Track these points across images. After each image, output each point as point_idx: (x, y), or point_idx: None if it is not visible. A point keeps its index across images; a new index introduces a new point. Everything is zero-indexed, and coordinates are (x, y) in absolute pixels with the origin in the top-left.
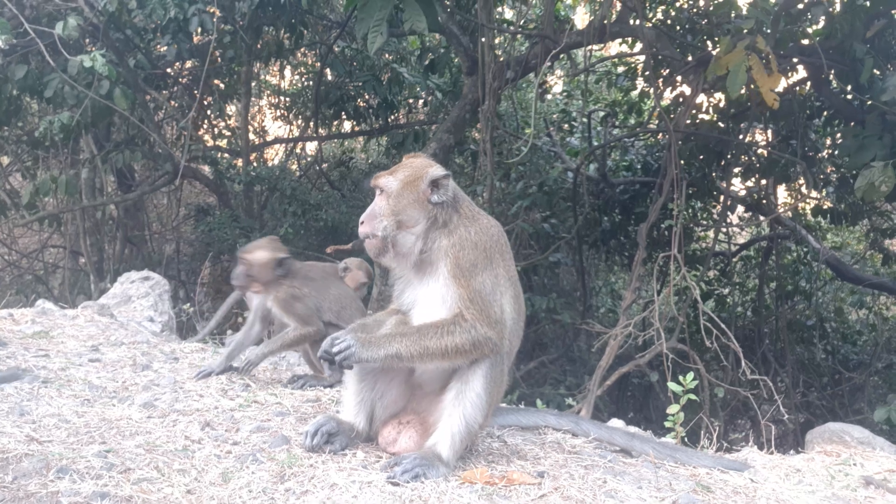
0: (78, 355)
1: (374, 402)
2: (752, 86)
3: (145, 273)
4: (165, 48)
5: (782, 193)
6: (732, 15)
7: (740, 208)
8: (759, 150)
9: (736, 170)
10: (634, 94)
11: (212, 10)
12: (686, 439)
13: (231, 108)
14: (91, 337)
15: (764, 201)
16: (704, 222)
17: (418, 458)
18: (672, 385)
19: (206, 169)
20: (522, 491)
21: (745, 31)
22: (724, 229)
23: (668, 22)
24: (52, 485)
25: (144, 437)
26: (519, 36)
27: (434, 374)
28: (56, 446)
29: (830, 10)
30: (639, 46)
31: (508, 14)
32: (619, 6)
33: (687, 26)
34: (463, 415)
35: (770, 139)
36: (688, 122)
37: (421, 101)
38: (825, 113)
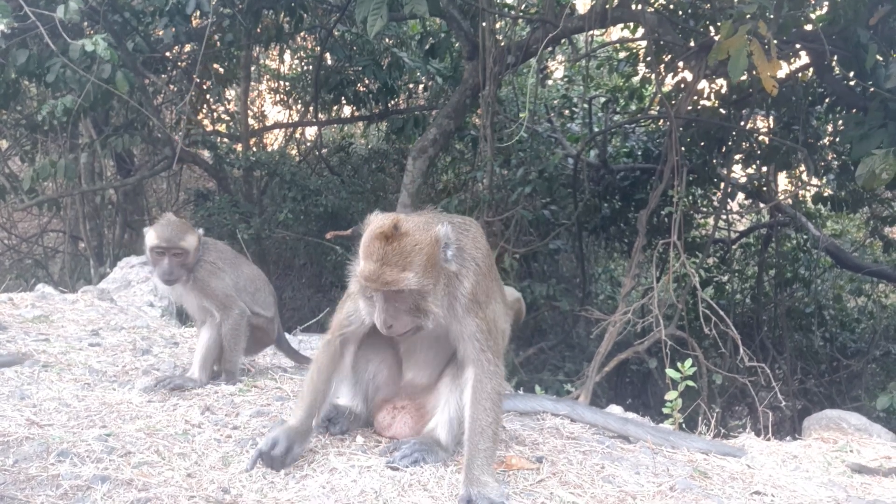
0: (78, 339)
1: (368, 384)
2: (754, 72)
3: (145, 258)
4: (163, 31)
5: (783, 181)
6: (735, 0)
7: (740, 195)
8: (761, 137)
9: (737, 157)
10: (636, 79)
11: None
12: (684, 425)
13: (230, 93)
14: (91, 321)
15: (764, 188)
16: (704, 209)
17: (417, 442)
18: (670, 372)
19: (206, 154)
20: (521, 476)
21: (748, 15)
22: (724, 216)
23: (671, 6)
24: (53, 468)
25: (145, 421)
26: (520, 20)
27: (423, 368)
28: (57, 430)
29: None
30: (640, 31)
31: None
32: None
33: (689, 11)
34: (460, 399)
35: (771, 126)
36: (689, 108)
37: (421, 86)
38: (827, 100)
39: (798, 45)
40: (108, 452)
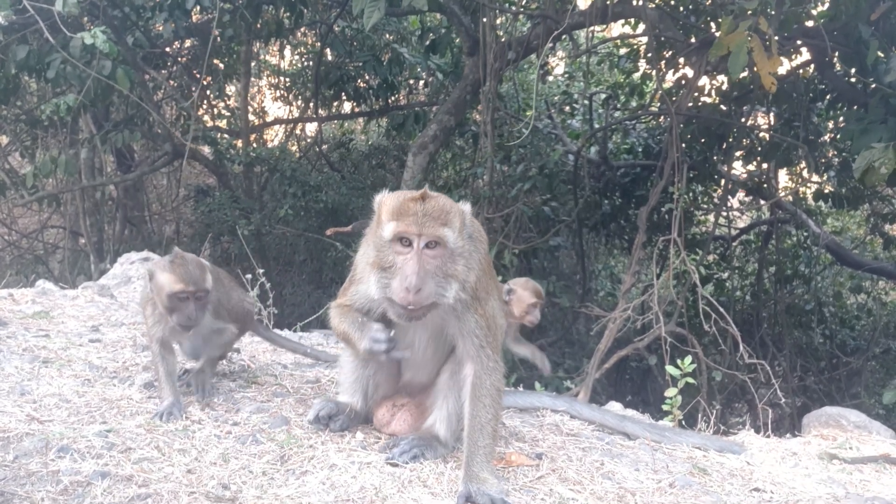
0: (78, 335)
1: (368, 381)
2: (754, 68)
3: (145, 254)
4: (163, 27)
5: (783, 177)
6: None
7: (741, 192)
8: (761, 134)
9: (737, 153)
10: (636, 76)
11: None
12: (683, 422)
13: (230, 89)
14: (91, 317)
15: (765, 185)
16: (705, 206)
17: (416, 438)
18: (670, 368)
19: (206, 149)
20: (520, 472)
21: (749, 11)
22: (724, 213)
23: (672, 2)
24: (53, 464)
25: (145, 416)
26: (521, 16)
27: (422, 366)
28: (57, 426)
29: None
30: (641, 27)
31: None
32: None
33: (690, 7)
34: (458, 396)
35: (772, 122)
36: (690, 104)
37: (421, 82)
38: (828, 96)
39: (799, 42)
40: (108, 448)
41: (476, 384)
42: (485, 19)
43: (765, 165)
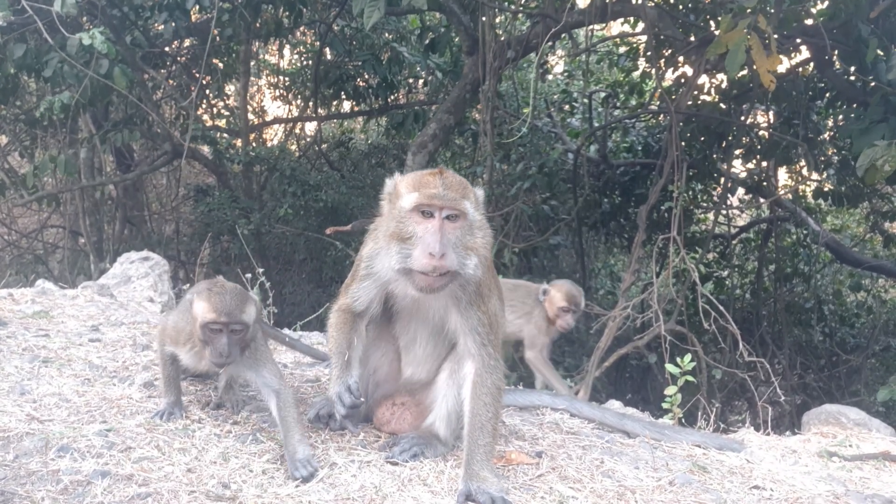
0: (78, 335)
1: (368, 380)
2: (754, 66)
3: (145, 253)
4: (162, 26)
5: (783, 176)
6: None
7: (741, 190)
8: (761, 132)
9: (737, 152)
10: (636, 74)
11: None
12: (683, 420)
13: (230, 88)
14: (91, 317)
15: (764, 183)
16: (704, 204)
17: (416, 437)
18: (670, 367)
19: (206, 149)
20: (520, 470)
21: (748, 10)
22: (724, 211)
23: (671, 1)
24: (53, 463)
25: (145, 416)
26: (520, 15)
27: (422, 363)
28: (57, 425)
29: None
30: (641, 26)
31: None
32: None
33: (690, 5)
34: (458, 394)
35: (772, 121)
36: (689, 103)
37: (421, 81)
38: (828, 94)
39: (799, 40)
40: (108, 447)
41: (477, 382)
42: (484, 18)
43: (764, 164)
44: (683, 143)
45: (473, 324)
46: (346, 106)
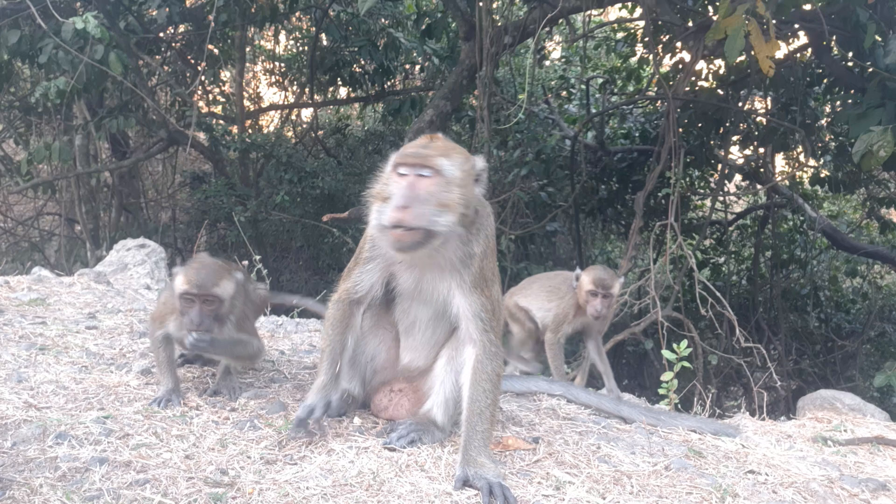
0: (75, 322)
1: (366, 366)
2: (752, 52)
3: (141, 241)
4: (156, 12)
5: (780, 162)
6: None
7: (738, 177)
8: (759, 118)
9: (734, 138)
10: (633, 60)
11: None
12: (679, 406)
13: (225, 74)
14: (88, 304)
15: (762, 170)
16: (702, 191)
17: (414, 423)
18: (666, 353)
19: (202, 136)
20: (517, 456)
21: None
22: (721, 198)
23: None
24: (51, 450)
25: (142, 403)
26: (517, 0)
27: (421, 350)
28: (54, 412)
29: None
30: (638, 11)
31: None
32: None
33: None
34: (456, 380)
35: (769, 107)
36: (687, 89)
37: (418, 67)
38: (825, 80)
39: (797, 26)
40: (105, 434)
41: (477, 368)
42: (481, 3)
43: (762, 150)
44: (681, 130)
45: (476, 309)
46: (343, 92)
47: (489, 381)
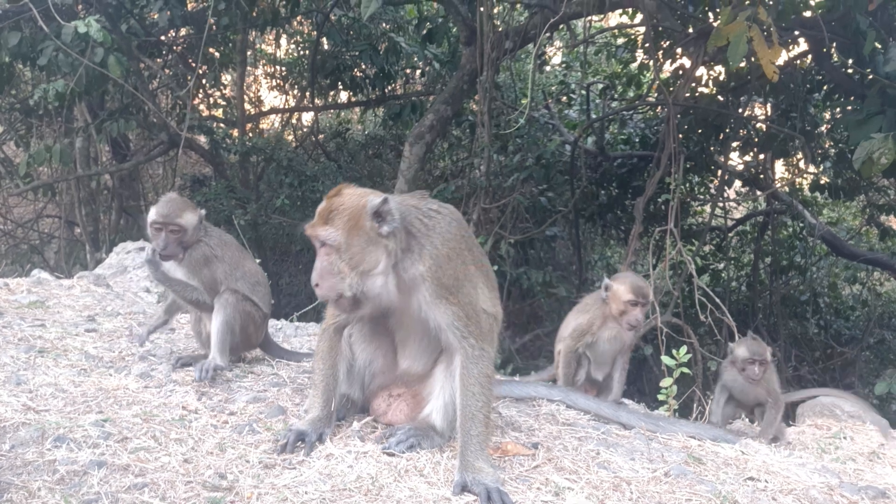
0: (74, 325)
1: (365, 371)
2: (753, 59)
3: (141, 243)
4: (158, 15)
5: (780, 168)
6: None
7: (738, 183)
8: (758, 125)
9: (734, 144)
10: (634, 66)
11: None
12: (678, 412)
13: (226, 78)
14: (87, 307)
15: (761, 176)
16: (701, 197)
17: (413, 428)
18: (665, 359)
19: (202, 139)
20: (517, 462)
21: (747, 1)
22: (720, 204)
23: None
24: (50, 453)
25: (141, 406)
26: (518, 5)
27: (418, 356)
28: (53, 415)
29: None
30: (639, 17)
31: None
32: None
33: None
34: (454, 386)
35: (769, 113)
36: (687, 95)
37: (418, 72)
38: (825, 87)
39: (797, 32)
40: (104, 438)
41: (464, 374)
42: (482, 8)
43: (761, 156)
44: (681, 136)
45: (449, 319)
46: (343, 96)
47: (477, 384)
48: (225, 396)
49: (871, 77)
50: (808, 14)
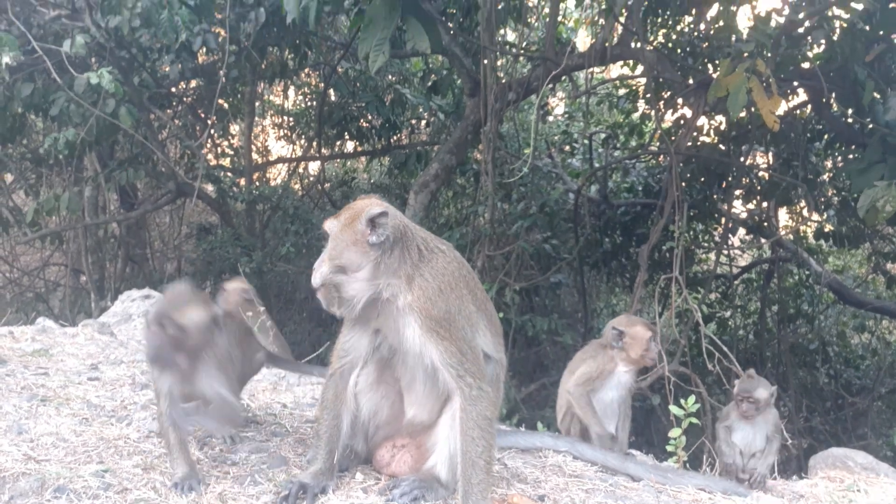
0: (77, 374)
1: (369, 422)
2: (753, 108)
3: (146, 291)
4: (169, 67)
5: (784, 216)
6: (733, 38)
7: (742, 231)
8: (761, 173)
9: (737, 192)
10: (636, 116)
11: (217, 31)
12: (688, 464)
13: (234, 128)
14: (91, 355)
15: (765, 224)
16: (706, 244)
17: (417, 480)
18: (674, 408)
19: (209, 188)
20: None
21: (746, 54)
22: (725, 252)
23: (669, 45)
24: None
25: (142, 456)
26: (521, 58)
27: (424, 403)
28: (53, 465)
29: (831, 33)
30: (640, 69)
31: (510, 36)
32: (620, 29)
33: (688, 49)
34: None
35: (771, 162)
36: (689, 144)
37: (423, 122)
38: (826, 136)
39: (796, 83)
40: (104, 489)
41: (462, 417)
42: (486, 61)
43: (765, 204)
44: (684, 184)
45: (442, 356)
46: (350, 146)
47: (476, 427)
48: (226, 447)
49: (871, 126)
50: (806, 65)
